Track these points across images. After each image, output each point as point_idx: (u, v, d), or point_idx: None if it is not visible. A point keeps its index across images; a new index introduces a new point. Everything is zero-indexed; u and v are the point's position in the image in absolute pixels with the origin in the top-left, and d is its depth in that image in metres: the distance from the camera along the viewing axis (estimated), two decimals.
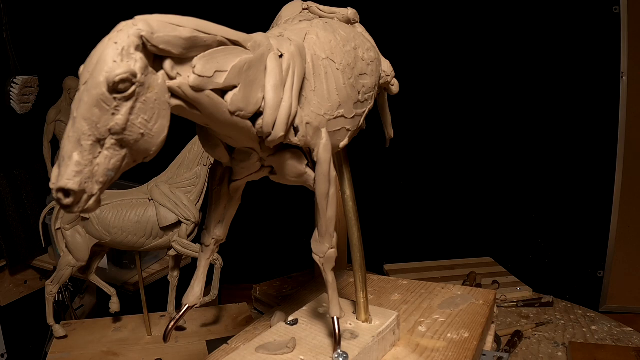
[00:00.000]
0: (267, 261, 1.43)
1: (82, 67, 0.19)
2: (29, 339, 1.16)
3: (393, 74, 0.46)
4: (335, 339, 0.40)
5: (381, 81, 0.44)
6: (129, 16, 0.20)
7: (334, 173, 0.33)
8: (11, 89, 1.09)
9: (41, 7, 1.22)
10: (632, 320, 0.99)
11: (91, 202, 0.19)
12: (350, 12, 0.43)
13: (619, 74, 1.25)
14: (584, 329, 0.87)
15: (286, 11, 0.43)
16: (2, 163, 1.13)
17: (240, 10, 1.29)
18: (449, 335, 0.49)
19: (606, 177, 1.31)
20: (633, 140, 1.28)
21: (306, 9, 0.42)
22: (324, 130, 0.32)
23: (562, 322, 0.90)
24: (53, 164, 1.20)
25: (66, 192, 0.18)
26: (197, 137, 0.48)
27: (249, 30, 0.28)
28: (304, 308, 0.49)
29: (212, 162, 0.35)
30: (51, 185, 0.18)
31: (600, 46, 1.26)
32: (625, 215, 1.31)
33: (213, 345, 0.79)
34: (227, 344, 0.51)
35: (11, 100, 1.10)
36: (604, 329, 0.87)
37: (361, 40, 0.40)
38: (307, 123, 0.31)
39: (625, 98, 1.26)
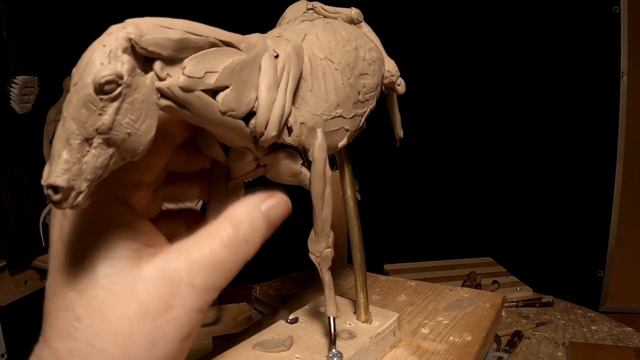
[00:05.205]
0: (267, 261, 1.43)
1: (74, 69, 0.20)
2: (29, 339, 1.16)
3: (398, 73, 0.45)
4: (331, 338, 0.40)
5: (386, 81, 0.44)
6: (130, 17, 0.20)
7: (329, 173, 0.33)
8: (11, 89, 1.09)
9: (41, 7, 1.22)
10: (632, 320, 0.99)
11: (79, 198, 0.19)
12: (353, 12, 0.43)
13: (619, 74, 1.25)
14: (584, 329, 0.87)
15: (290, 11, 0.42)
16: (2, 163, 1.13)
17: (243, 11, 1.29)
18: (451, 338, 0.49)
19: (606, 177, 1.30)
20: (633, 140, 1.28)
21: (311, 9, 0.42)
22: (319, 130, 0.32)
23: (562, 322, 0.90)
24: None
25: (55, 188, 0.19)
26: None
27: (252, 31, 0.28)
28: (305, 307, 0.49)
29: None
30: (42, 182, 0.19)
31: (600, 46, 1.26)
32: (625, 215, 1.31)
33: (218, 342, 0.80)
34: (230, 340, 0.52)
35: (11, 100, 1.10)
36: (604, 329, 0.87)
37: (363, 40, 0.40)
38: (302, 123, 0.31)
39: (625, 98, 1.26)
